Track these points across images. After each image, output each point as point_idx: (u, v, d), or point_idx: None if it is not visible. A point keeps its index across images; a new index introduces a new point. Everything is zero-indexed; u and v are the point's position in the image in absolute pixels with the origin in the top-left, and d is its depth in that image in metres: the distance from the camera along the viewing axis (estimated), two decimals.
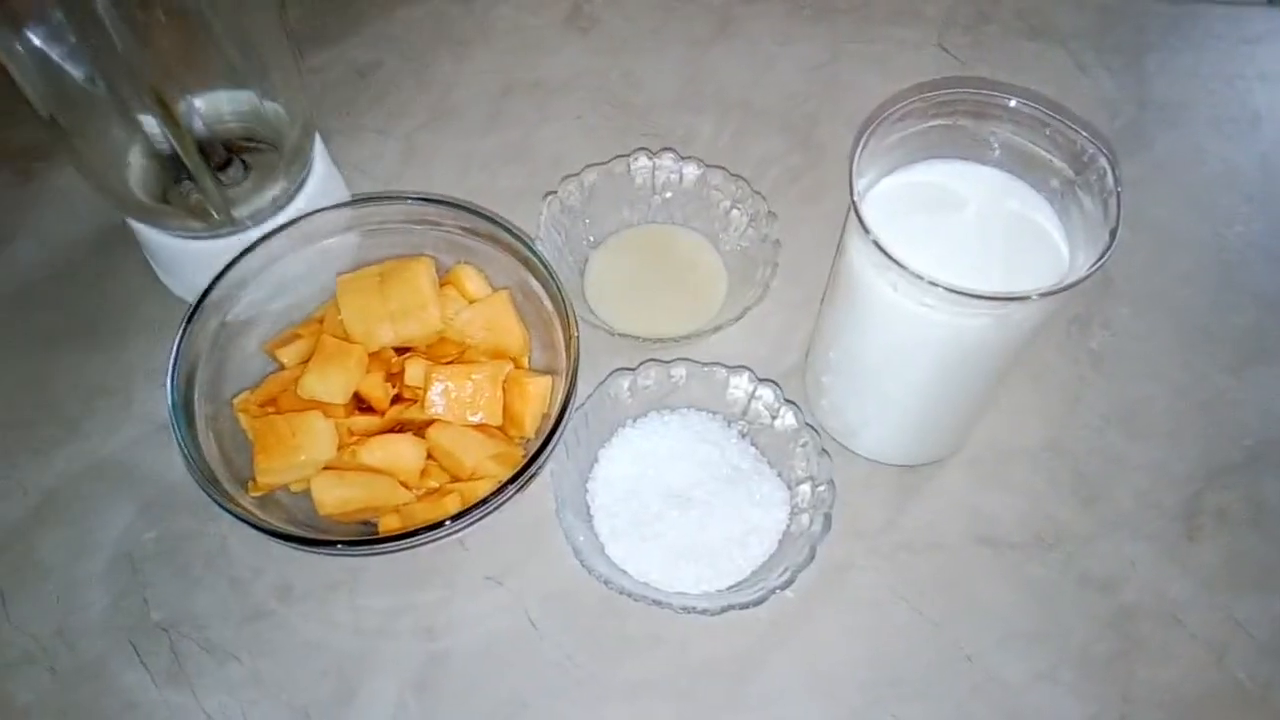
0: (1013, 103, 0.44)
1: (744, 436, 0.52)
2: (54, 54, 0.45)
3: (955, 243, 0.44)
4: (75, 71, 0.46)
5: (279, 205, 0.54)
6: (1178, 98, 0.67)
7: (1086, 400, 0.55)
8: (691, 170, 0.59)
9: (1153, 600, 0.50)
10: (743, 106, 0.67)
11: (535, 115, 0.66)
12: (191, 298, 0.49)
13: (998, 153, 0.45)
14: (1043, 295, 0.39)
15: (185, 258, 0.53)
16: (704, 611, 0.45)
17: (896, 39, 0.70)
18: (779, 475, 0.51)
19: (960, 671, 0.48)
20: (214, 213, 0.51)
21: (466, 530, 0.46)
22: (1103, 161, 0.42)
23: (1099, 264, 0.40)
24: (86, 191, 0.62)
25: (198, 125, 0.52)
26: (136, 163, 0.52)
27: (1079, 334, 0.57)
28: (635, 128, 0.66)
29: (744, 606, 0.45)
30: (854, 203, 0.42)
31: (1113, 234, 0.40)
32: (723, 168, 0.58)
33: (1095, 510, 0.52)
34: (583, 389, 0.54)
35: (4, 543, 0.51)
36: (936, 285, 0.39)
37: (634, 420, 0.52)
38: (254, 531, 0.45)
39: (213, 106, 0.53)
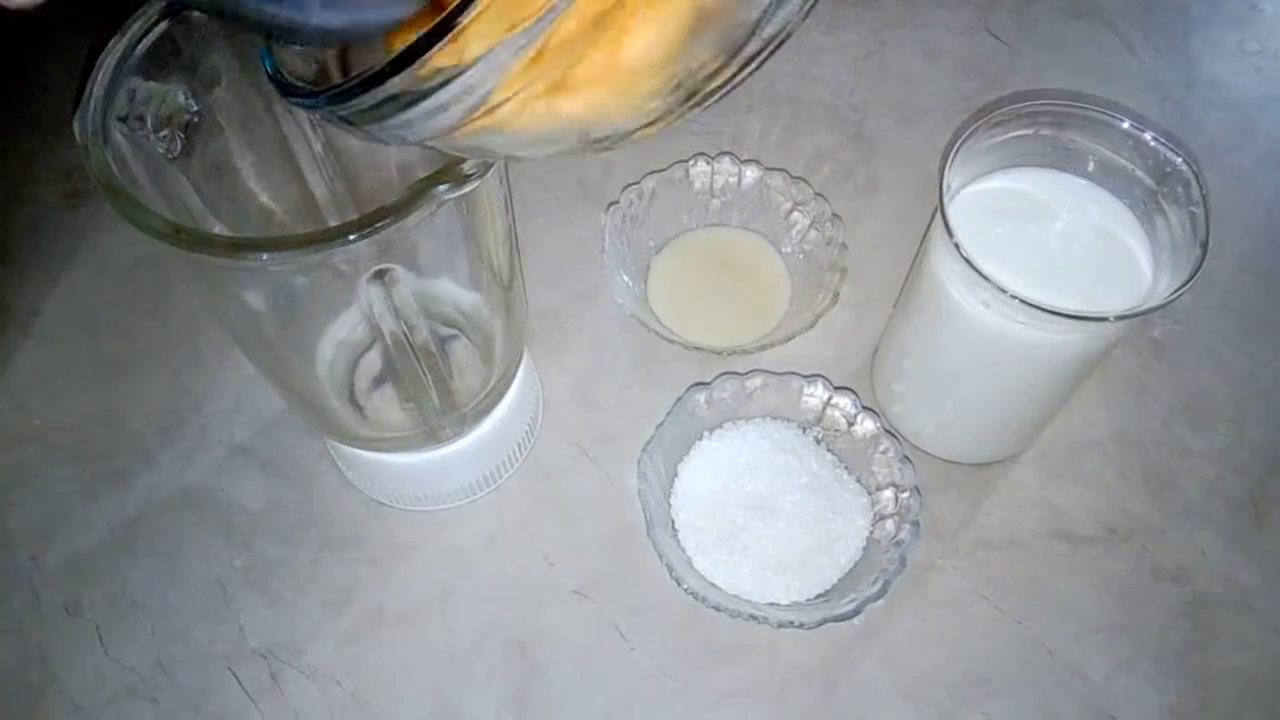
0: (1093, 113, 0.44)
1: (819, 443, 0.53)
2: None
3: (1039, 253, 0.44)
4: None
5: (498, 399, 0.49)
6: (1225, 76, 0.67)
7: (1152, 391, 0.56)
8: (750, 173, 0.58)
9: (1224, 588, 0.51)
10: (791, 101, 0.66)
11: None
12: (390, 500, 0.51)
13: (1078, 161, 0.46)
14: (1142, 313, 0.40)
15: (392, 471, 0.50)
16: (801, 625, 0.46)
17: (943, 23, 0.69)
18: (858, 481, 0.52)
19: (1043, 667, 0.49)
20: (445, 428, 0.47)
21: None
22: (1186, 172, 0.42)
23: (1191, 281, 0.40)
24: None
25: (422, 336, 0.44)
26: (325, 368, 0.48)
27: (1141, 322, 0.58)
28: (682, 128, 0.65)
29: (840, 619, 0.46)
30: (945, 221, 0.42)
31: (1203, 247, 0.41)
32: (783, 170, 0.58)
33: (1165, 501, 0.53)
34: (656, 398, 0.54)
35: (94, 578, 0.52)
36: (1038, 308, 0.40)
37: (710, 432, 0.53)
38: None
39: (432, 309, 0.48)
